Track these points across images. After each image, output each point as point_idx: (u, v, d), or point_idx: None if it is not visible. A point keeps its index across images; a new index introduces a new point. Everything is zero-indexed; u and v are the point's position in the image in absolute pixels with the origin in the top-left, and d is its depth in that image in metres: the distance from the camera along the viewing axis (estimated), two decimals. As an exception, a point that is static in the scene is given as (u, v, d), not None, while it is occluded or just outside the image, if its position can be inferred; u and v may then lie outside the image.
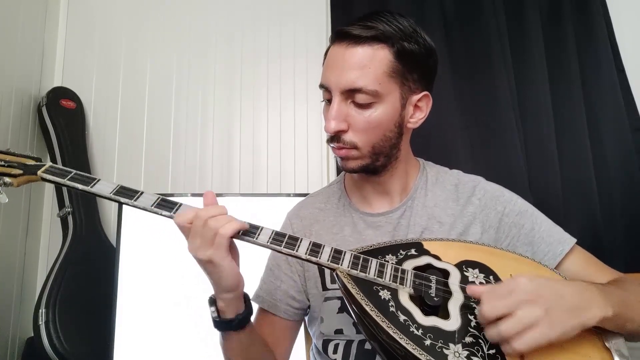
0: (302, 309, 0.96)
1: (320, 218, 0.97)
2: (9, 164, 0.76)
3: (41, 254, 1.85)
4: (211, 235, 0.69)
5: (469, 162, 1.78)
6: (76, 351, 1.51)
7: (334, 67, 0.81)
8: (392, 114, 0.82)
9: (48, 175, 0.77)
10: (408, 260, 0.75)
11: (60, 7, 2.01)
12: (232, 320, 0.77)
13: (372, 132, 0.82)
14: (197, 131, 1.96)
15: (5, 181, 0.75)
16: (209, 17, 2.02)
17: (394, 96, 0.82)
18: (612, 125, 1.81)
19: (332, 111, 0.81)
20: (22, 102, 1.75)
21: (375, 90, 0.79)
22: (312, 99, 1.98)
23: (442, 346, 0.64)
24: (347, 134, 0.82)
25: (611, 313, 0.63)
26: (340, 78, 0.80)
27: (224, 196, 1.74)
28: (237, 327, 0.79)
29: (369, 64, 0.79)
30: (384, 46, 0.80)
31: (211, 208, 0.72)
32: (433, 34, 1.83)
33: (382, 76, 0.79)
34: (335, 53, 0.82)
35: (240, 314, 0.78)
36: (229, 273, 0.72)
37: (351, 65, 0.79)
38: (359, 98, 0.80)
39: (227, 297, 0.75)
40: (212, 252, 0.70)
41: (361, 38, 0.79)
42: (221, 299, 0.76)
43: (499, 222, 0.88)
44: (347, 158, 0.84)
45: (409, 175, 0.94)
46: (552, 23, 1.90)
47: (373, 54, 0.79)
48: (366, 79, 0.78)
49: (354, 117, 0.81)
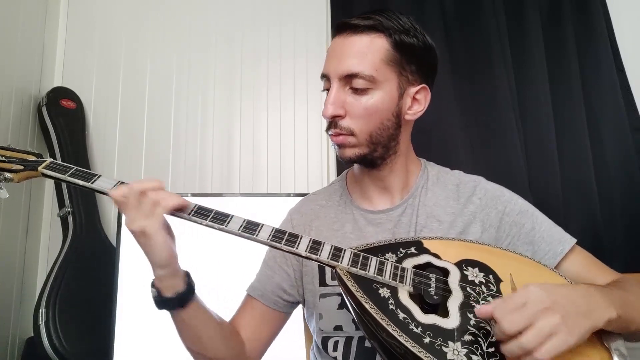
0: (292, 302, 0.96)
1: (321, 214, 0.97)
2: (9, 159, 0.77)
3: (41, 253, 1.85)
4: (149, 206, 0.72)
5: (469, 162, 1.78)
6: (76, 351, 1.51)
7: (334, 56, 0.85)
8: (388, 102, 0.84)
9: (48, 171, 0.77)
10: (408, 259, 0.76)
11: (60, 7, 2.01)
12: (170, 299, 0.77)
13: (369, 118, 0.83)
14: (197, 131, 1.96)
15: (5, 176, 0.76)
16: (209, 17, 2.03)
17: (391, 84, 0.84)
18: (612, 125, 1.81)
19: (330, 96, 0.83)
20: (22, 102, 1.75)
21: (371, 75, 0.81)
22: (312, 99, 1.98)
23: (441, 344, 0.64)
24: (344, 120, 0.84)
25: (615, 315, 0.64)
26: (339, 65, 0.83)
27: (224, 196, 1.74)
28: (178, 305, 0.78)
29: (366, 51, 0.82)
30: (382, 35, 0.83)
31: (146, 181, 0.74)
32: (433, 34, 1.83)
33: (380, 63, 0.82)
34: (335, 44, 0.85)
35: (179, 292, 0.77)
36: (161, 246, 0.73)
37: (350, 53, 0.82)
38: (356, 83, 0.82)
39: (161, 274, 0.76)
40: (147, 223, 0.71)
41: (359, 27, 0.83)
42: (156, 277, 0.77)
43: (500, 221, 0.88)
44: (344, 145, 0.85)
45: (410, 173, 0.94)
46: (552, 23, 1.90)
47: (371, 41, 0.82)
48: (363, 65, 0.81)
49: (352, 103, 0.83)
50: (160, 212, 0.72)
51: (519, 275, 0.74)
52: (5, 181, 0.76)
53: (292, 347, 1.29)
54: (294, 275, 0.95)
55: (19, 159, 0.78)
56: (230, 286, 1.48)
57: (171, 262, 0.76)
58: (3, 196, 0.76)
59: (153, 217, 0.72)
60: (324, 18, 2.00)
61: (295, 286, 0.95)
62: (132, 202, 0.72)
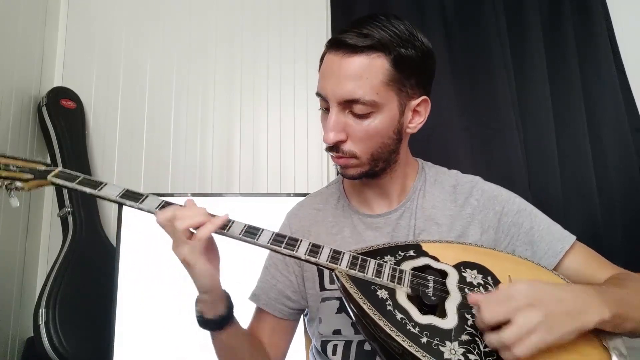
0: (298, 309, 0.97)
1: (319, 219, 0.97)
2: (20, 169, 0.80)
3: (41, 254, 1.85)
4: (186, 236, 0.72)
5: (469, 162, 1.78)
6: (76, 351, 1.51)
7: (330, 76, 0.80)
8: (390, 122, 0.82)
9: (57, 179, 0.81)
10: (406, 262, 0.76)
11: (60, 7, 2.01)
12: (212, 321, 0.80)
13: (370, 140, 0.82)
14: (197, 131, 1.97)
15: (17, 186, 0.79)
16: (209, 16, 2.03)
17: (392, 104, 0.81)
18: (612, 125, 1.81)
19: (329, 122, 0.80)
20: (22, 102, 1.75)
21: (372, 100, 0.78)
22: (312, 99, 1.97)
23: (439, 344, 0.65)
24: (345, 144, 0.82)
25: (608, 315, 0.63)
26: (337, 88, 0.79)
27: (224, 196, 1.74)
28: (217, 328, 0.81)
29: (365, 74, 0.78)
30: (381, 55, 0.78)
31: (187, 209, 0.74)
32: (433, 34, 1.86)
33: (380, 85, 0.78)
34: (331, 62, 0.81)
35: (220, 315, 0.80)
36: (203, 275, 0.75)
37: (348, 75, 0.78)
38: (356, 109, 0.79)
39: (204, 298, 0.78)
40: (186, 253, 0.72)
41: (357, 47, 0.78)
42: (200, 300, 0.79)
43: (498, 222, 0.88)
44: (347, 166, 0.84)
45: (408, 176, 0.94)
46: (552, 23, 1.90)
47: (369, 63, 0.78)
48: (363, 89, 0.77)
49: (353, 127, 0.80)
50: (198, 244, 0.73)
51: (517, 276, 0.75)
52: (17, 190, 0.79)
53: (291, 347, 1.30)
54: (297, 281, 0.95)
55: (29, 168, 0.81)
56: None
57: (213, 288, 0.78)
58: (15, 204, 0.80)
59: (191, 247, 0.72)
60: (324, 18, 2.00)
61: (299, 291, 0.95)
62: (170, 229, 0.73)
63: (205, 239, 0.73)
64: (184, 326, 1.51)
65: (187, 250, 0.72)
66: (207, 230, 0.73)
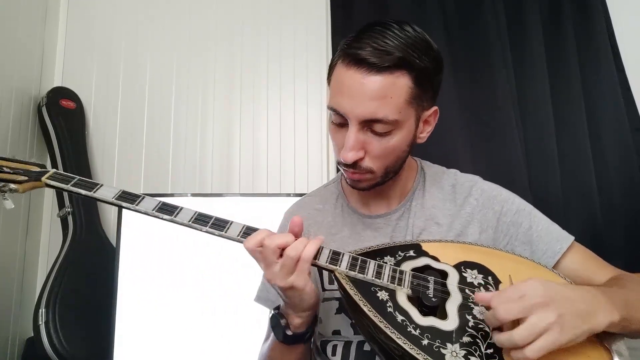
0: None
1: (319, 219, 0.97)
2: (14, 171, 0.79)
3: (41, 254, 1.85)
4: (293, 263, 0.71)
5: (469, 161, 1.78)
6: (76, 351, 1.51)
7: (350, 95, 0.76)
8: (407, 137, 0.81)
9: (52, 181, 0.80)
10: (406, 262, 0.76)
11: (60, 7, 2.00)
12: (306, 333, 0.80)
13: (388, 157, 0.81)
14: (197, 131, 1.96)
15: (11, 188, 0.79)
16: (209, 16, 2.02)
17: (410, 120, 0.80)
18: (612, 125, 1.81)
19: (349, 141, 0.77)
20: (22, 102, 1.75)
21: (395, 119, 0.76)
22: (312, 99, 1.98)
23: (440, 346, 0.64)
24: (363, 161, 0.80)
25: (617, 318, 0.63)
26: (359, 108, 0.75)
27: (223, 196, 1.74)
28: (305, 341, 0.81)
29: (389, 94, 0.75)
30: (404, 72, 0.75)
31: (281, 236, 0.73)
32: (433, 33, 1.85)
33: (403, 104, 0.76)
34: (351, 80, 0.76)
35: (311, 327, 0.80)
36: (310, 295, 0.74)
37: (371, 95, 0.74)
38: (377, 127, 0.77)
39: (305, 315, 0.78)
40: (294, 279, 0.71)
41: (380, 67, 0.74)
42: (298, 317, 0.78)
43: (497, 221, 0.88)
44: (360, 181, 0.84)
45: (407, 177, 0.94)
46: (552, 23, 1.90)
47: (394, 82, 0.75)
48: (387, 109, 0.75)
49: (371, 143, 0.79)
50: (305, 266, 0.71)
51: (518, 276, 0.74)
52: (10, 192, 0.79)
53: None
54: None
55: (23, 170, 0.80)
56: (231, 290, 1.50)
57: (317, 303, 0.78)
58: (9, 207, 0.79)
59: (299, 272, 0.71)
60: (324, 18, 2.00)
61: None
62: (270, 258, 0.71)
63: (312, 258, 0.72)
64: (184, 326, 1.51)
65: (294, 276, 0.71)
66: (314, 247, 0.72)
